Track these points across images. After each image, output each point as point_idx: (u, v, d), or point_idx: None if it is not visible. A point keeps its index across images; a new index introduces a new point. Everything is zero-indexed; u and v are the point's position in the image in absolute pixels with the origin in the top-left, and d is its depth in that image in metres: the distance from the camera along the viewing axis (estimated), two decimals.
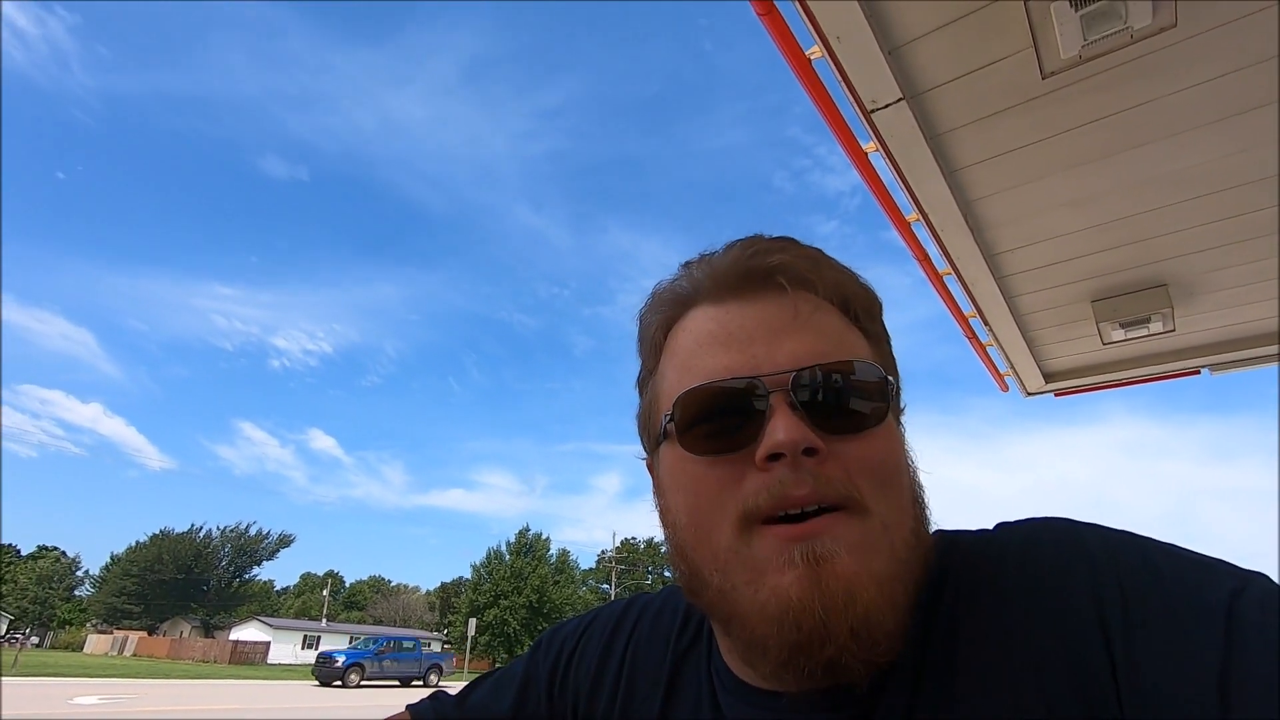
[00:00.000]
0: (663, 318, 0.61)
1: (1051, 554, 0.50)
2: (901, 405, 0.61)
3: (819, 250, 0.60)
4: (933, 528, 0.57)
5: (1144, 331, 3.19)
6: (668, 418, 0.56)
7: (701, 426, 0.53)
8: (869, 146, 2.34)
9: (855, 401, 0.52)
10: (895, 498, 0.52)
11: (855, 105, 2.13)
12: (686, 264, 0.62)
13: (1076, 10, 1.74)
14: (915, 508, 0.54)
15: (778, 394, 0.51)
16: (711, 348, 0.55)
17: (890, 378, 0.54)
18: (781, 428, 0.49)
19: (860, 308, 0.58)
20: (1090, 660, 0.44)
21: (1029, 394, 4.13)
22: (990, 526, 0.57)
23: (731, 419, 0.52)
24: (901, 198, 2.58)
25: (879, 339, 0.60)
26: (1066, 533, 0.52)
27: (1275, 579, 0.46)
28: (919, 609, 0.53)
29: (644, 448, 0.65)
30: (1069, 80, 2.01)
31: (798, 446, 0.48)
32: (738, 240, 0.60)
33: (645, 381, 0.64)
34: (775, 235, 0.61)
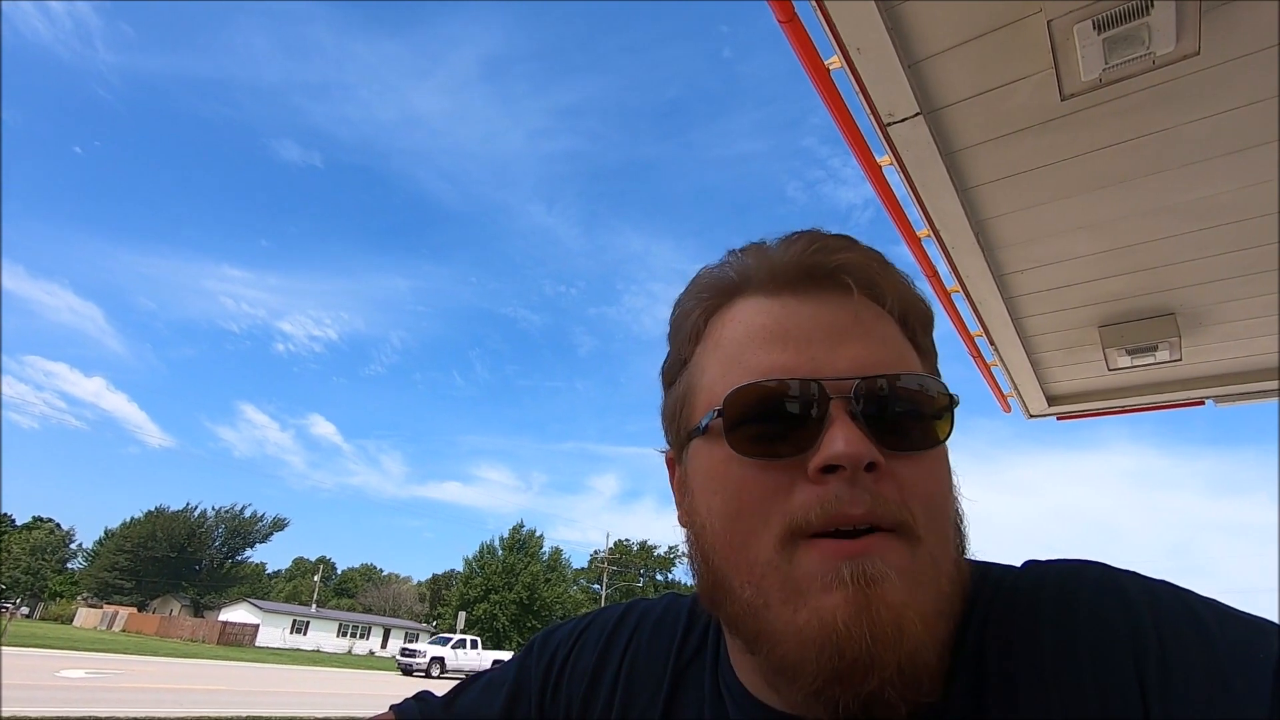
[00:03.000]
0: (706, 304, 0.57)
1: (1090, 601, 0.48)
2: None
3: (881, 254, 0.56)
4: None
5: (1150, 359, 3.17)
6: (716, 413, 0.51)
7: (752, 427, 0.49)
8: (884, 160, 2.33)
9: (917, 420, 0.49)
10: (942, 527, 0.48)
11: (872, 118, 2.12)
12: (736, 251, 0.58)
13: (1100, 33, 1.73)
14: (958, 537, 0.51)
15: (838, 401, 0.47)
16: (765, 343, 0.51)
17: (956, 396, 0.51)
18: (842, 438, 0.45)
19: (916, 320, 0.55)
20: (1125, 713, 0.42)
21: (1031, 416, 4.11)
22: (1018, 563, 0.55)
23: (785, 423, 0.48)
24: (914, 213, 2.57)
25: (929, 354, 0.57)
26: (1106, 579, 0.49)
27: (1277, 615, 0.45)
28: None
29: (668, 440, 0.61)
30: (1088, 103, 2.00)
31: (860, 460, 0.45)
32: (799, 232, 0.56)
33: (676, 371, 0.59)
34: (835, 233, 0.57)
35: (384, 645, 63.90)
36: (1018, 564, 0.55)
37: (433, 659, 34.19)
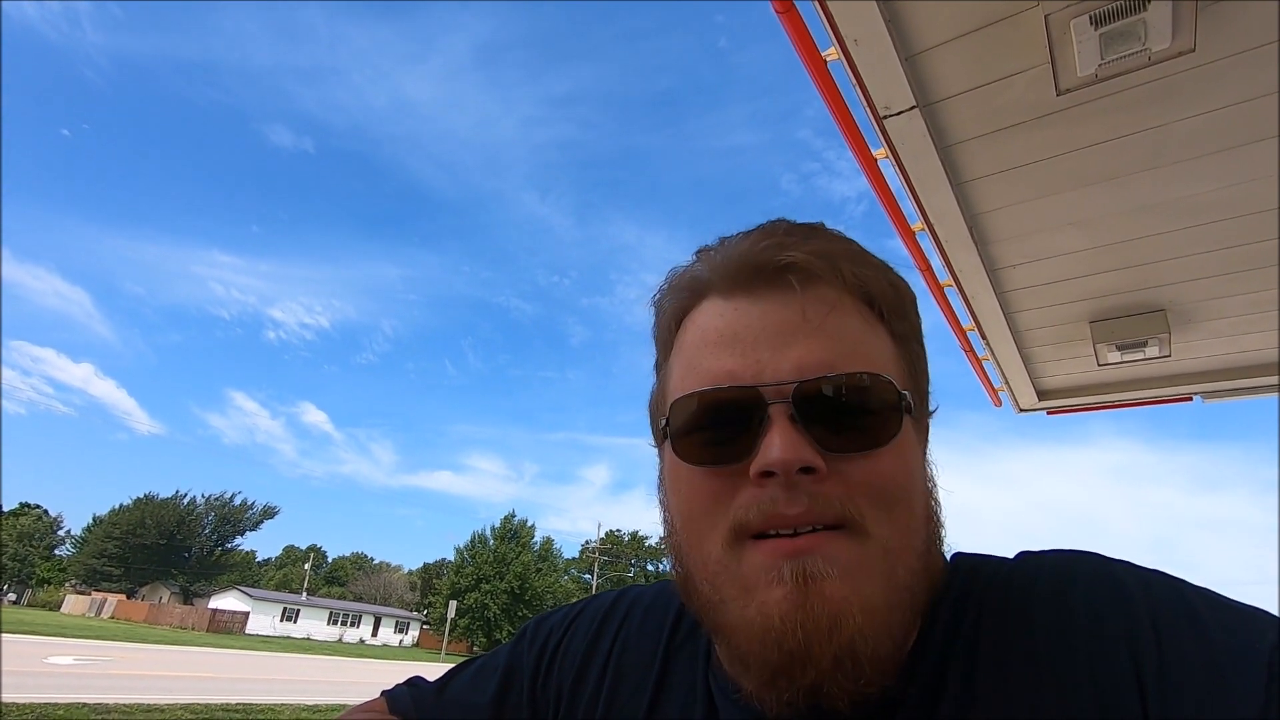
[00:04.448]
0: (676, 306, 0.58)
1: (1085, 590, 0.48)
2: (931, 409, 0.59)
3: (847, 240, 0.56)
4: (947, 548, 0.55)
5: (1140, 355, 3.19)
6: (664, 421, 0.54)
7: (697, 434, 0.51)
8: (879, 153, 2.33)
9: (862, 418, 0.48)
10: (901, 519, 0.48)
11: (868, 110, 2.11)
12: (701, 250, 0.59)
13: (1096, 29, 1.73)
14: (926, 528, 0.51)
15: (778, 405, 0.48)
16: (716, 348, 0.52)
17: (905, 392, 0.50)
18: (778, 444, 0.46)
19: (887, 305, 0.54)
20: (1122, 703, 0.43)
21: (1021, 410, 4.13)
22: (1011, 555, 0.55)
23: (728, 429, 0.49)
24: (908, 206, 2.57)
25: (906, 339, 0.55)
26: (1101, 569, 0.49)
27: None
28: (934, 634, 0.51)
29: (652, 435, 0.62)
30: (1083, 99, 2.00)
31: (792, 466, 0.46)
32: (757, 227, 0.56)
33: (658, 370, 0.61)
34: (801, 222, 0.57)
35: (374, 634, 64.01)
36: (1010, 555, 0.56)
37: None
